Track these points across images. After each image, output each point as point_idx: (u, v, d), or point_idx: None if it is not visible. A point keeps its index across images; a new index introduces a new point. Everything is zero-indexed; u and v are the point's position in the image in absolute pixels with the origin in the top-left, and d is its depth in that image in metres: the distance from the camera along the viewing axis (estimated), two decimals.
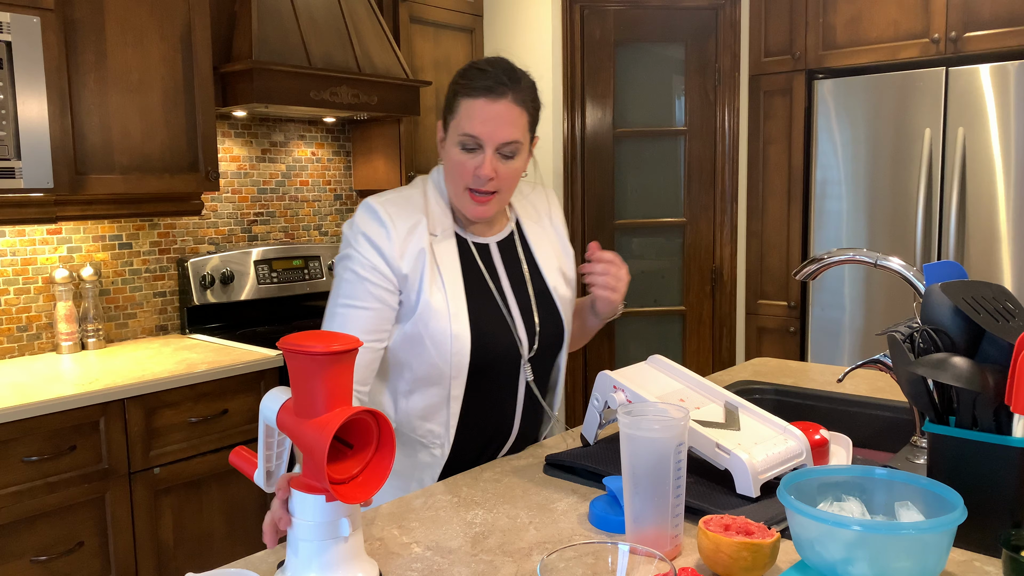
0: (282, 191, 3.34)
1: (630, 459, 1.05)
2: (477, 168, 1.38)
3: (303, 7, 2.89)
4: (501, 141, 1.37)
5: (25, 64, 2.20)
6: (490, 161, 1.37)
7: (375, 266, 1.39)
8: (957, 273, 1.22)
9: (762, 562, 0.98)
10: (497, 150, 1.38)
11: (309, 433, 0.94)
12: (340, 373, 0.95)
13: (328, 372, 0.94)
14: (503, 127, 1.37)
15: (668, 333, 3.74)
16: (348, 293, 1.39)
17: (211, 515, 2.48)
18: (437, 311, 1.39)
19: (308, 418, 0.95)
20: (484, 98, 1.36)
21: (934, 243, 3.04)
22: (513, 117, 1.38)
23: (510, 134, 1.38)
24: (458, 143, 1.39)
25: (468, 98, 1.37)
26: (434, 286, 1.40)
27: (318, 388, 0.94)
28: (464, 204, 1.43)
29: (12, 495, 2.06)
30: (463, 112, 1.38)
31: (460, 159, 1.39)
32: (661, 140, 3.67)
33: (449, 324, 1.39)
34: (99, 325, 2.72)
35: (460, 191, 1.42)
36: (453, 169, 1.41)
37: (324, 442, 0.91)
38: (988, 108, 2.89)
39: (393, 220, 1.40)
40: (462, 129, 1.37)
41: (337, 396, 0.95)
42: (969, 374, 1.04)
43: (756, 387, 1.91)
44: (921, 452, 1.39)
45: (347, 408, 0.95)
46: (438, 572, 1.06)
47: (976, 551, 1.06)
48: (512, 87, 1.38)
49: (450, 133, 1.41)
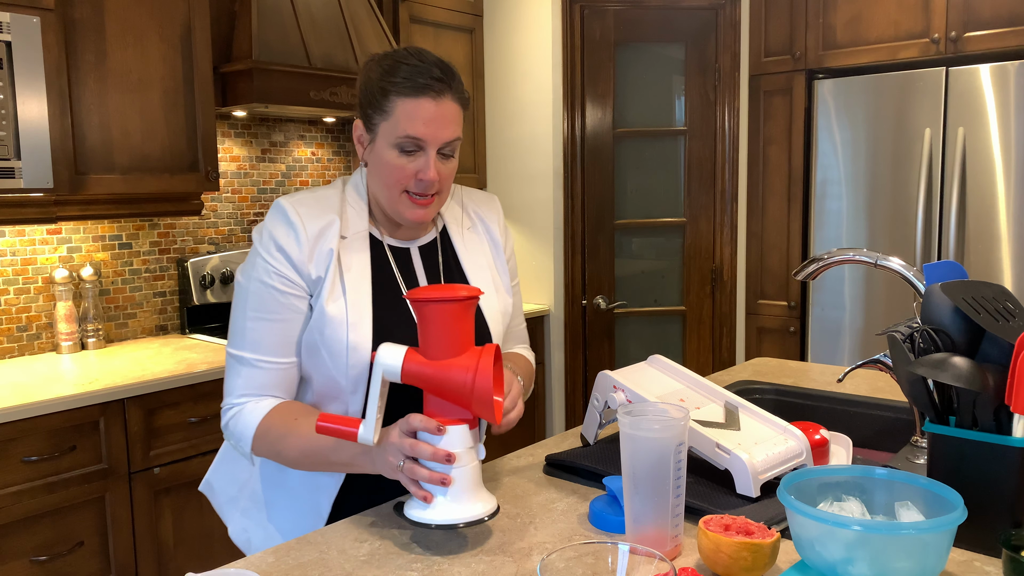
0: (282, 191, 3.34)
1: (630, 459, 1.05)
2: (419, 171, 1.29)
3: (303, 7, 2.89)
4: (445, 141, 1.29)
5: (25, 64, 2.20)
6: (433, 163, 1.29)
7: (282, 273, 1.29)
8: (957, 273, 1.22)
9: (762, 562, 0.98)
10: (438, 151, 1.30)
11: (461, 373, 1.09)
12: (471, 317, 1.13)
13: (466, 316, 1.12)
14: (447, 126, 1.29)
15: (668, 333, 3.74)
16: (256, 305, 1.30)
17: (211, 515, 2.48)
18: (333, 319, 1.29)
19: (449, 360, 1.10)
20: (426, 97, 1.26)
21: (934, 243, 3.04)
22: (454, 115, 1.30)
23: (453, 132, 1.30)
24: (395, 145, 1.28)
25: (406, 98, 1.26)
26: (334, 293, 1.30)
27: (459, 330, 1.11)
28: (403, 208, 1.33)
29: (12, 495, 2.06)
30: (401, 113, 1.27)
31: (398, 162, 1.29)
32: (661, 140, 3.67)
33: (346, 333, 1.29)
34: (99, 325, 2.72)
35: (397, 195, 1.32)
36: (390, 173, 1.30)
37: (484, 377, 1.08)
38: (988, 108, 2.89)
39: (303, 221, 1.30)
40: (402, 131, 1.27)
41: (469, 338, 1.13)
42: (969, 374, 1.04)
43: (756, 387, 1.91)
44: (921, 452, 1.39)
45: (487, 346, 1.12)
46: (438, 572, 1.06)
47: (976, 551, 1.06)
48: (450, 83, 1.29)
49: (381, 135, 1.30)
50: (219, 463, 1.52)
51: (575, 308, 3.66)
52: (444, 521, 1.10)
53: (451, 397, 1.11)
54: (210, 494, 1.53)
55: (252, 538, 1.45)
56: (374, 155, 1.33)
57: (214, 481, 1.52)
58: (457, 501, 1.11)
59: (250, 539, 1.46)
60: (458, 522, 1.10)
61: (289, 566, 1.10)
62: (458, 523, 1.10)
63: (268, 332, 1.30)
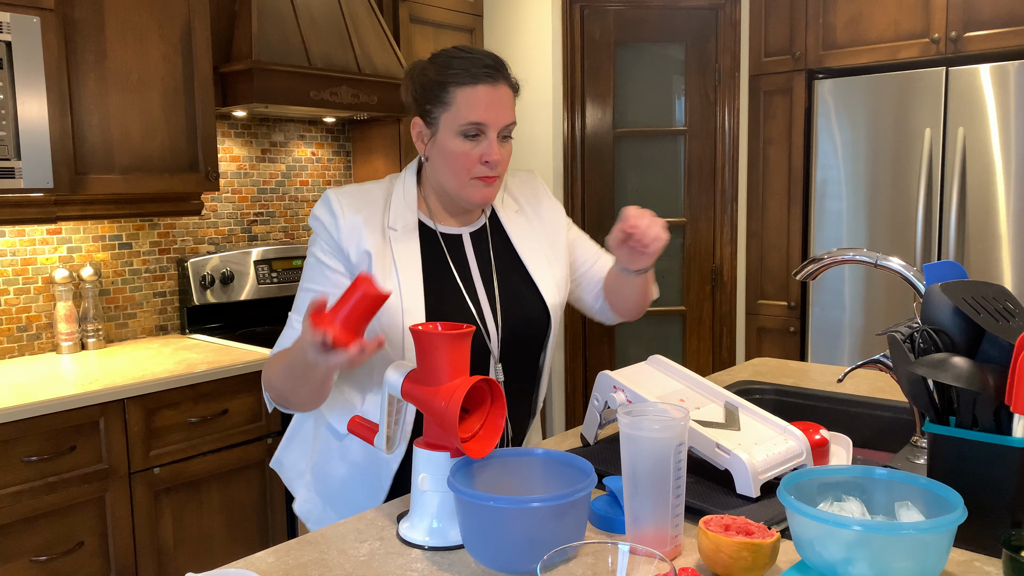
0: (282, 191, 3.35)
1: (630, 459, 1.05)
2: (484, 155, 1.37)
3: (303, 7, 2.89)
4: (504, 124, 1.38)
5: (25, 64, 2.20)
6: (496, 145, 1.37)
7: (325, 250, 1.42)
8: (957, 273, 1.22)
9: (762, 562, 0.98)
10: (498, 134, 1.38)
11: (439, 400, 1.10)
12: (461, 350, 1.13)
13: (453, 349, 1.12)
14: (506, 110, 1.38)
15: (668, 333, 3.74)
16: (309, 276, 1.43)
17: (211, 515, 2.48)
18: (388, 306, 1.36)
19: (434, 387, 1.12)
20: (485, 84, 1.36)
21: (934, 243, 3.04)
22: (509, 99, 1.40)
23: (510, 116, 1.39)
24: (459, 133, 1.37)
25: (466, 86, 1.35)
26: (387, 282, 1.38)
27: (447, 360, 1.12)
28: (471, 192, 1.40)
29: (12, 495, 2.06)
30: (462, 101, 1.35)
31: (463, 148, 1.37)
32: (661, 140, 3.67)
33: (402, 318, 1.37)
34: (99, 325, 2.72)
35: (467, 180, 1.39)
36: (456, 160, 1.38)
37: (455, 406, 1.07)
38: (988, 108, 2.89)
39: (344, 211, 1.41)
40: (464, 119, 1.35)
41: (458, 369, 1.13)
42: (969, 374, 1.04)
43: (756, 387, 1.91)
44: (921, 452, 1.39)
45: (468, 378, 1.12)
46: (438, 572, 1.06)
47: (976, 551, 1.06)
48: (504, 72, 1.39)
49: (444, 126, 1.38)
50: (287, 440, 1.60)
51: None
52: (438, 544, 1.13)
53: (435, 422, 1.13)
54: (280, 470, 1.61)
55: (312, 511, 1.53)
56: (437, 147, 1.40)
57: (283, 458, 1.60)
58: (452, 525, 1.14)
59: (310, 511, 1.54)
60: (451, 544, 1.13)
61: (289, 566, 1.10)
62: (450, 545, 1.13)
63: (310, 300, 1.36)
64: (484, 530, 1.02)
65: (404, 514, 1.23)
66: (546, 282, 1.52)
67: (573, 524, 1.03)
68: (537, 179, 1.64)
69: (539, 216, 1.58)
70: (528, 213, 1.57)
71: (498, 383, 1.15)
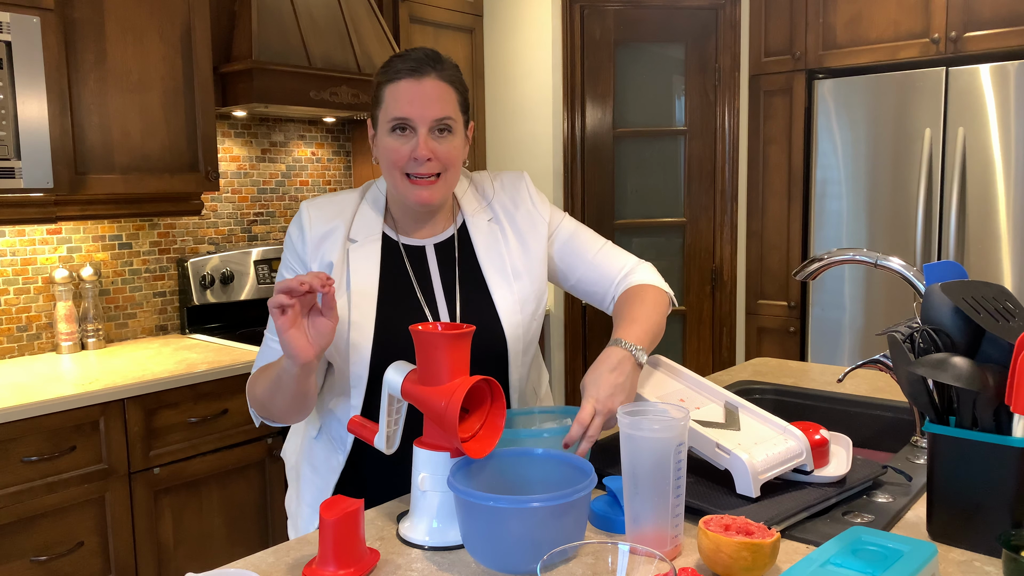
0: (282, 191, 3.35)
1: (630, 459, 1.05)
2: (412, 151, 1.33)
3: (303, 7, 2.89)
4: (433, 118, 1.33)
5: (25, 64, 2.20)
6: (424, 140, 1.33)
7: (292, 268, 1.42)
8: (957, 273, 1.22)
9: (762, 562, 0.98)
10: (430, 129, 1.34)
11: (438, 400, 1.10)
12: (461, 350, 1.13)
13: (452, 349, 1.12)
14: (432, 104, 1.33)
15: (668, 333, 3.71)
16: None
17: (211, 515, 2.48)
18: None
19: (434, 387, 1.11)
20: (408, 79, 1.33)
21: (934, 243, 3.04)
22: (440, 93, 1.34)
23: (441, 110, 1.34)
24: (389, 130, 1.35)
25: (391, 83, 1.34)
26: (339, 295, 1.36)
27: (447, 360, 1.11)
28: (406, 192, 1.36)
29: (12, 495, 2.06)
30: (389, 98, 1.34)
31: (393, 145, 1.35)
32: (661, 140, 3.67)
33: (347, 332, 1.36)
34: (99, 325, 2.72)
35: (399, 179, 1.36)
36: (387, 157, 1.36)
37: (455, 406, 1.07)
38: (988, 108, 2.89)
39: (312, 224, 1.41)
40: (390, 114, 1.34)
41: (458, 369, 1.13)
42: (969, 374, 1.04)
43: (756, 387, 1.91)
44: (921, 452, 1.39)
45: (468, 378, 1.11)
46: (438, 572, 1.06)
47: (976, 551, 1.06)
48: (434, 66, 1.35)
49: (380, 125, 1.37)
50: (288, 435, 1.62)
51: (575, 308, 3.67)
52: (438, 544, 1.14)
53: (435, 422, 1.13)
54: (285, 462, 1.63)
55: (290, 506, 1.55)
56: (377, 146, 1.40)
57: (284, 452, 1.62)
58: (452, 525, 1.14)
59: (289, 507, 1.55)
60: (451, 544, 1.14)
61: (289, 566, 1.10)
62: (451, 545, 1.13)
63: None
64: (484, 530, 1.02)
65: (404, 514, 1.23)
66: (504, 300, 1.44)
67: (573, 524, 1.02)
68: (522, 182, 1.55)
69: (514, 225, 1.50)
70: (502, 222, 1.50)
71: (498, 383, 1.15)
